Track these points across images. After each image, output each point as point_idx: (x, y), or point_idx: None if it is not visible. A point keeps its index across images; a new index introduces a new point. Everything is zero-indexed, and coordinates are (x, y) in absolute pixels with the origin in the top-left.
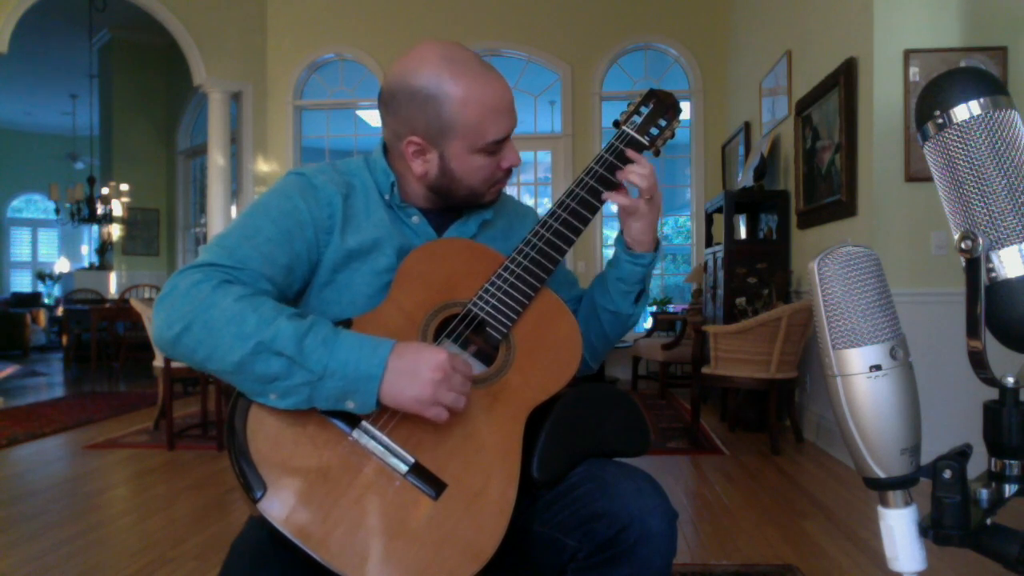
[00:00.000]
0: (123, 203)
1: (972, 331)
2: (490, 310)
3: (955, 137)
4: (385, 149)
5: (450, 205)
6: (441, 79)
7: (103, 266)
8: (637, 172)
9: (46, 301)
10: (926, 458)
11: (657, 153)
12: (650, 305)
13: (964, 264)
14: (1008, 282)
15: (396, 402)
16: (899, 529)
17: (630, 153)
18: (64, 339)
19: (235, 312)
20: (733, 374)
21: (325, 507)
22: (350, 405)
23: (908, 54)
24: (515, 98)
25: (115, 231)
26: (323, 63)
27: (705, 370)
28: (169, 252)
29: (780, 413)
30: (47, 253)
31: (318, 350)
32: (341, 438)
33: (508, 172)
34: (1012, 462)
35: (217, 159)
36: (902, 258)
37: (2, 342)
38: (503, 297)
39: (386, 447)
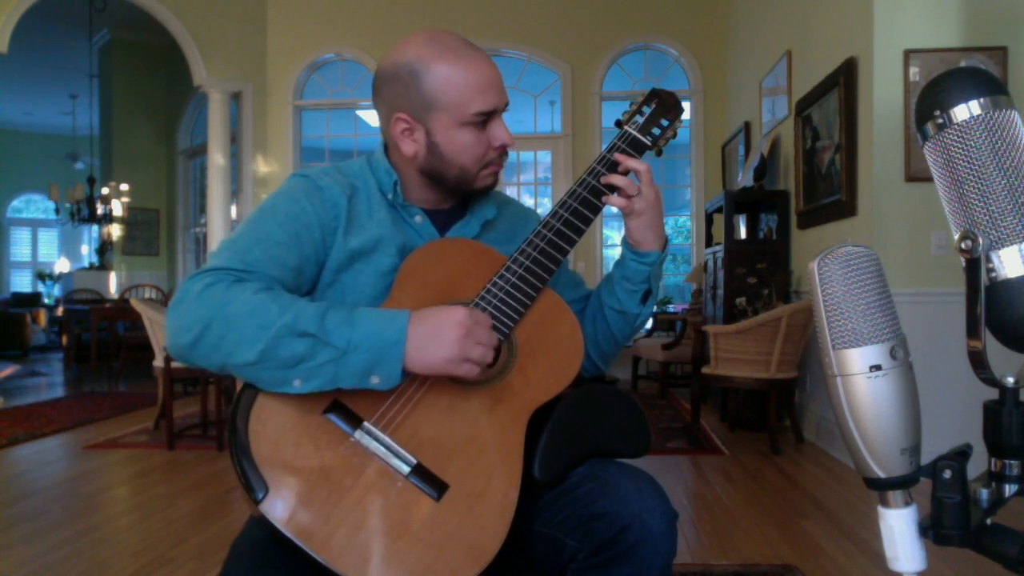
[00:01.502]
0: (123, 203)
1: (972, 331)
2: (492, 311)
3: (955, 137)
4: (386, 149)
5: (449, 194)
6: (422, 55)
7: (103, 266)
8: (616, 176)
9: (46, 301)
10: (926, 458)
11: (659, 153)
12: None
13: (964, 264)
14: (1008, 282)
15: (424, 366)
16: (899, 529)
17: (616, 156)
18: (64, 339)
19: (256, 304)
20: (733, 374)
21: (327, 508)
22: (375, 380)
23: (908, 54)
24: (514, 97)
25: (115, 231)
26: (323, 63)
27: (705, 370)
28: (169, 252)
29: (780, 413)
30: (47, 253)
31: (341, 326)
32: (343, 439)
33: (502, 152)
34: (1012, 462)
35: (217, 159)
36: (902, 258)
37: (2, 342)
38: (505, 298)
39: (388, 448)
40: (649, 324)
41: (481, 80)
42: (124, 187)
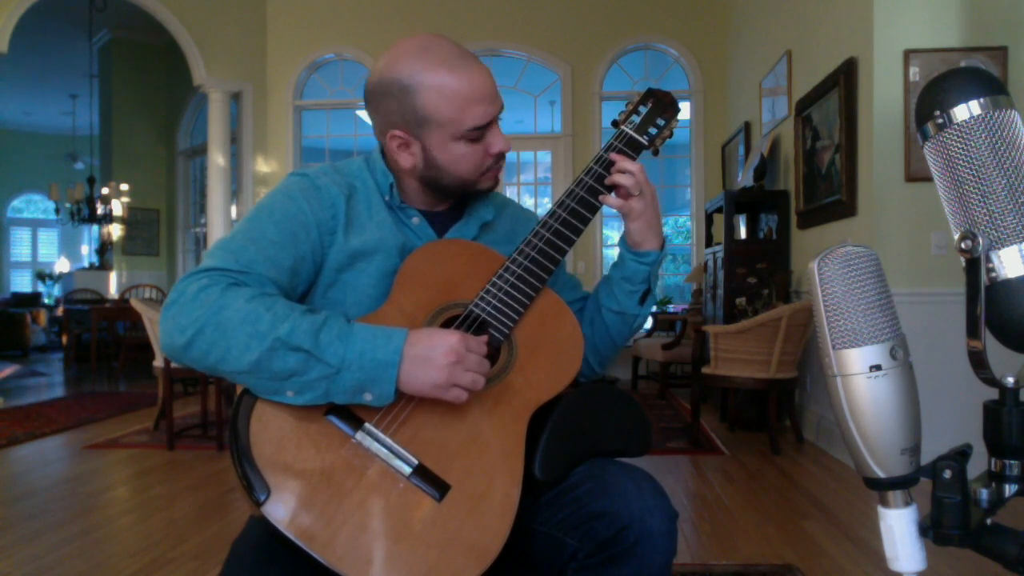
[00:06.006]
0: (123, 203)
1: (972, 331)
2: (491, 311)
3: (955, 137)
4: (383, 150)
5: (447, 196)
6: (415, 70)
7: (103, 266)
8: (619, 174)
9: (46, 301)
10: (926, 458)
11: (656, 152)
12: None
13: (964, 264)
14: (1008, 282)
15: (414, 389)
16: (899, 529)
17: (613, 156)
18: (64, 339)
19: (248, 312)
20: (733, 374)
21: (329, 510)
22: (368, 397)
23: (908, 54)
24: (514, 97)
25: (115, 231)
26: (323, 63)
27: (705, 370)
28: (169, 252)
29: (780, 413)
30: (47, 253)
31: (334, 343)
32: (344, 440)
33: (499, 157)
34: (1012, 462)
35: (217, 159)
36: (902, 258)
37: (2, 342)
38: (504, 298)
39: (389, 449)
40: (649, 324)
41: (475, 93)
42: (124, 187)
